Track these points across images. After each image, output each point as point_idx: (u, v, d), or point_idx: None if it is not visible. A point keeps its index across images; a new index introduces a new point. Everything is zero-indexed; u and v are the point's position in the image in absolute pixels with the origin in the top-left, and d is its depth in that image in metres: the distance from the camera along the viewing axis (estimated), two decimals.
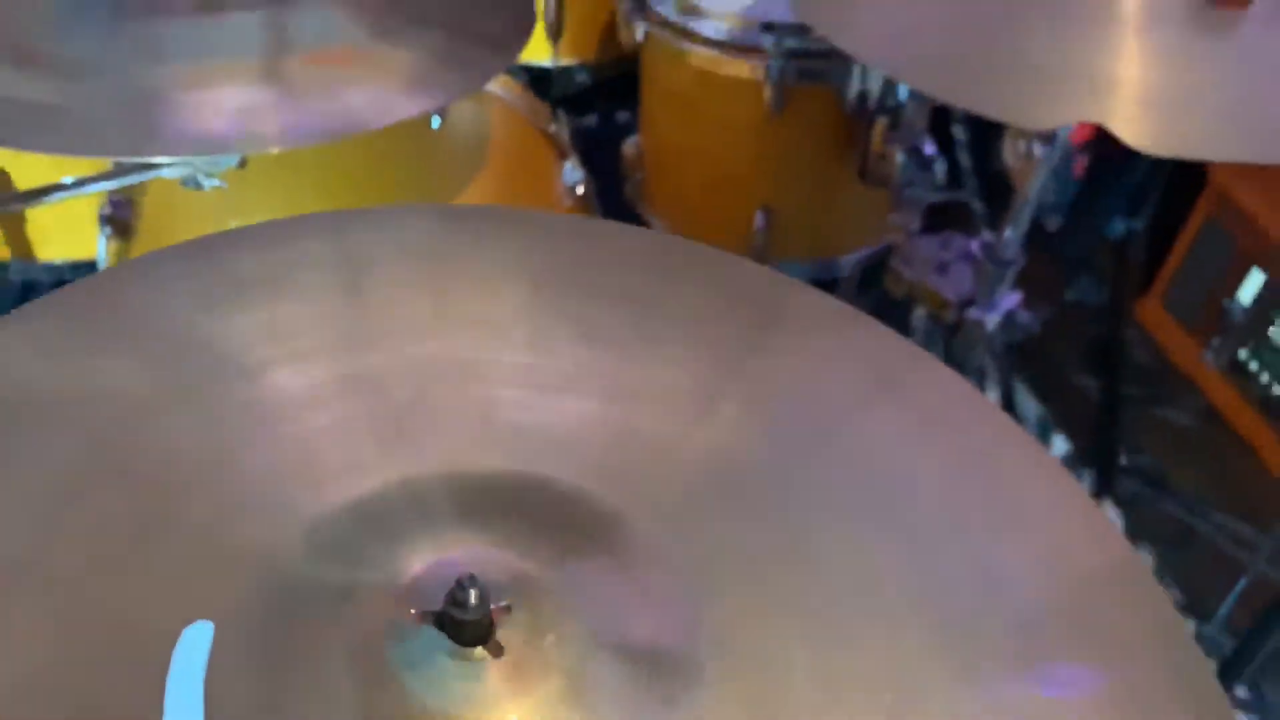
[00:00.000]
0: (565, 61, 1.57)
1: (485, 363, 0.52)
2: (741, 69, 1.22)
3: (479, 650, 0.36)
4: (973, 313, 1.16)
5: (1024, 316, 1.16)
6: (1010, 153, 1.06)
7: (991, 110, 0.74)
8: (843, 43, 0.82)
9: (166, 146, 0.89)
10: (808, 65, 1.19)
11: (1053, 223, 2.30)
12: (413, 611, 0.37)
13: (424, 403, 0.50)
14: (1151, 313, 2.14)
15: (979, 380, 2.01)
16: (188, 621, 0.37)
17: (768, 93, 1.21)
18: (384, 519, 0.43)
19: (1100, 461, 1.92)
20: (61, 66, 0.94)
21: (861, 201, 1.30)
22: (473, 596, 0.35)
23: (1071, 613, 0.45)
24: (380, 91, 0.96)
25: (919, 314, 1.24)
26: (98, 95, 0.91)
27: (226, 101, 0.92)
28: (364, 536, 0.42)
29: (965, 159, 1.43)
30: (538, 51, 1.54)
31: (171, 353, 0.51)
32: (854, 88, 1.20)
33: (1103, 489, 1.87)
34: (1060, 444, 1.94)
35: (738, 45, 1.22)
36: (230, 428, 0.48)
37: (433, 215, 0.66)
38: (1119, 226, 2.25)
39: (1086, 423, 1.98)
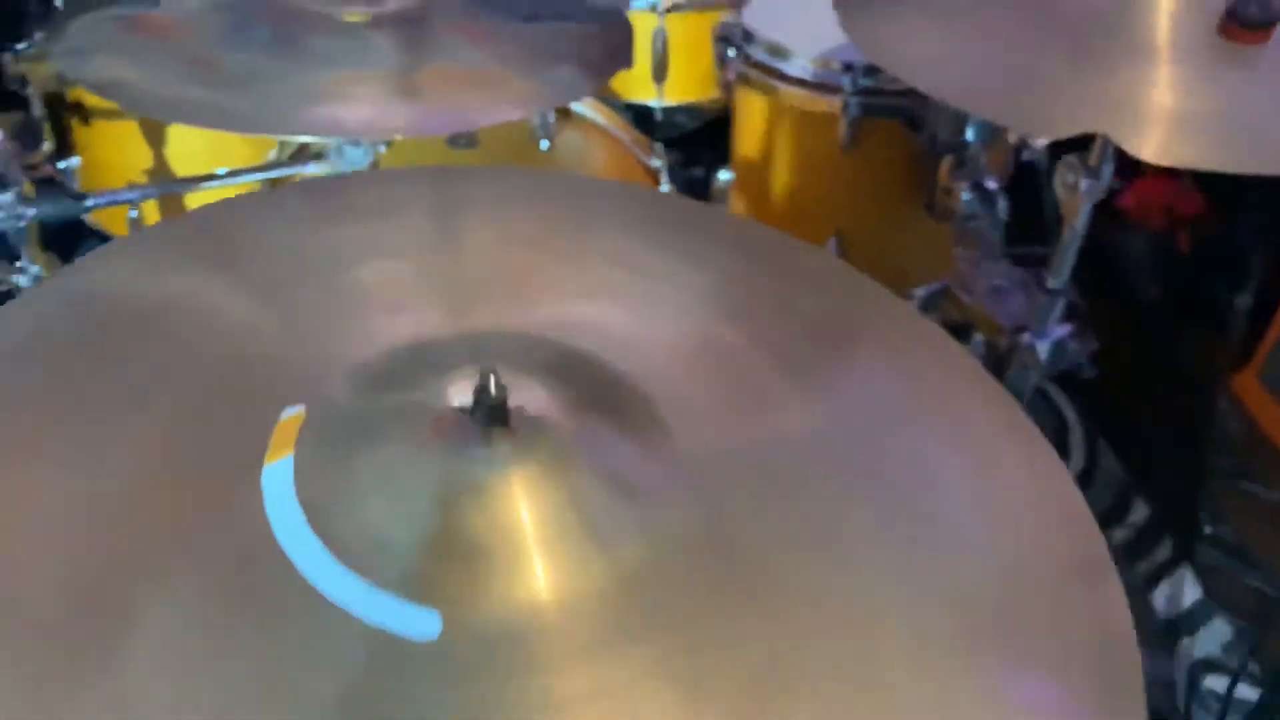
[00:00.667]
0: (669, 102, 1.71)
1: (561, 279, 0.63)
2: (820, 105, 1.34)
3: (497, 429, 0.47)
4: (1025, 338, 1.23)
5: (1072, 346, 1.22)
6: (1060, 185, 1.13)
7: (1009, 120, 0.84)
8: (887, 63, 0.93)
9: (309, 130, 1.07)
10: (880, 103, 1.30)
11: (1154, 292, 2.32)
12: (453, 404, 0.48)
13: (495, 298, 0.61)
14: (1247, 386, 2.12)
15: (1061, 439, 2.04)
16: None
17: (842, 128, 1.32)
18: (442, 358, 0.53)
19: (1180, 528, 1.91)
20: (233, 73, 1.12)
21: (930, 235, 1.39)
22: (492, 383, 0.46)
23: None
24: (487, 100, 1.12)
25: (976, 339, 1.30)
26: (260, 94, 1.09)
27: (362, 101, 1.08)
28: (424, 370, 0.53)
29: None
30: (643, 92, 1.69)
31: (271, 261, 0.64)
32: (923, 125, 1.30)
33: (1182, 556, 1.86)
34: (1141, 508, 1.94)
35: (818, 84, 1.34)
36: (317, 314, 0.60)
37: (526, 176, 0.79)
38: (1221, 299, 2.25)
39: (1170, 489, 1.97)
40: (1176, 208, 2.46)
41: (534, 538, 0.45)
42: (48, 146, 1.56)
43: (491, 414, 0.47)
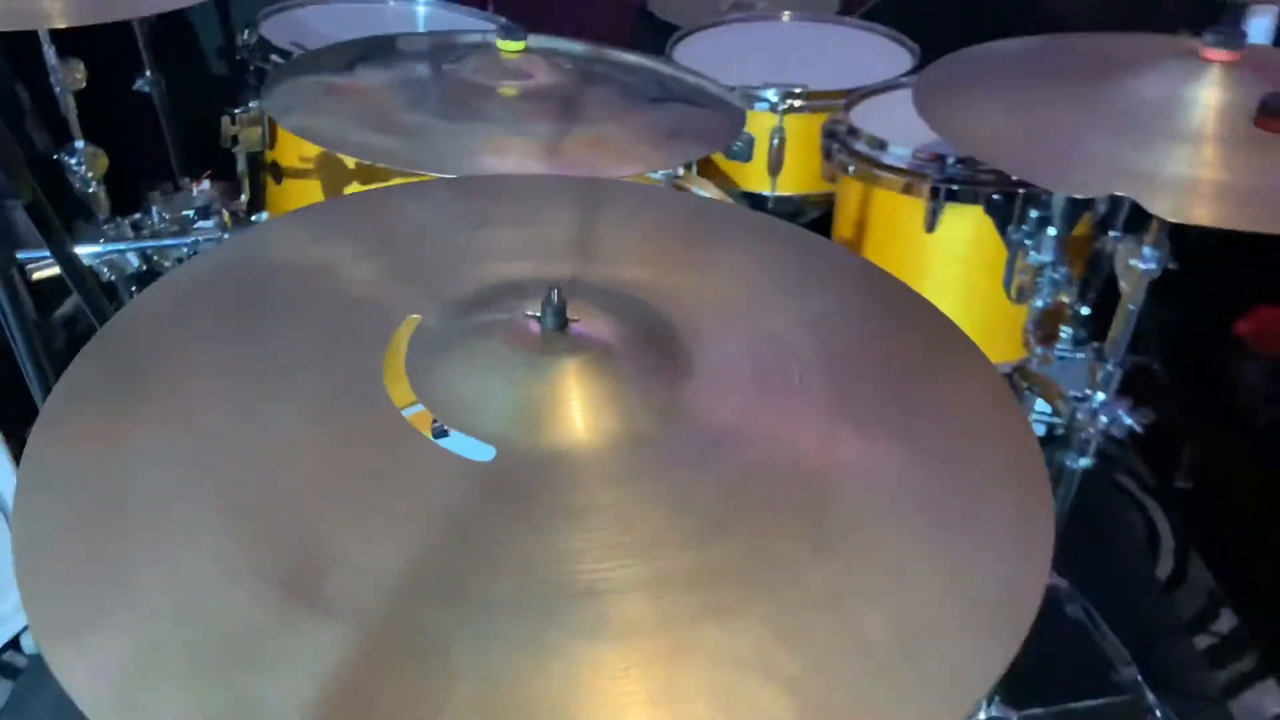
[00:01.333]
0: (781, 193, 1.89)
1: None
2: (909, 191, 1.50)
3: (557, 331, 0.64)
4: (1085, 406, 1.32)
5: (1129, 418, 1.31)
6: (1120, 264, 1.25)
7: (1047, 182, 0.98)
8: (956, 141, 1.09)
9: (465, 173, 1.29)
10: (963, 190, 1.45)
11: (1267, 416, 2.34)
12: (527, 314, 0.66)
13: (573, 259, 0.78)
14: None
15: (1153, 547, 2.06)
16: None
17: (926, 212, 1.47)
18: (522, 290, 0.70)
19: (1270, 641, 1.90)
20: (408, 127, 1.36)
21: (1008, 315, 1.51)
22: (556, 297, 0.63)
23: None
24: (614, 161, 1.32)
25: (1040, 405, 1.40)
26: (428, 145, 1.32)
27: (511, 156, 1.30)
28: (508, 297, 0.70)
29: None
30: (759, 183, 1.88)
31: (400, 242, 0.82)
32: (1003, 212, 1.44)
33: (1270, 668, 1.85)
34: (1229, 618, 1.94)
35: (909, 170, 1.50)
36: (420, 265, 0.77)
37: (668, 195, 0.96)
38: None
39: (1263, 605, 1.96)
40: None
41: (577, 407, 0.62)
42: (244, 199, 1.84)
43: (555, 319, 0.64)
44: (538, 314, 0.64)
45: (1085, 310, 1.45)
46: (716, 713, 0.50)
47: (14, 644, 1.73)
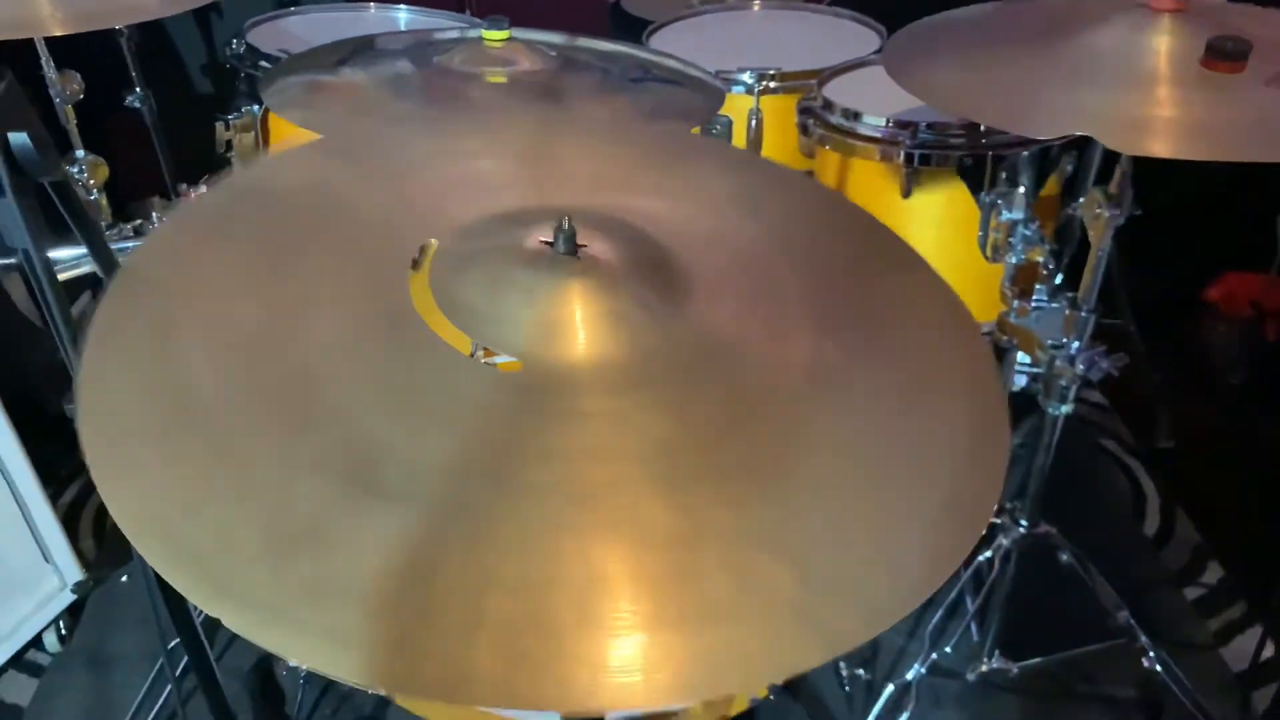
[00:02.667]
0: None
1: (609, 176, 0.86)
2: (884, 159, 1.56)
3: (567, 257, 0.69)
4: (1062, 354, 1.38)
5: (1104, 362, 1.37)
6: (1086, 214, 1.31)
7: (1015, 127, 1.04)
8: (926, 97, 1.15)
9: None
10: (935, 154, 1.51)
11: (1238, 377, 2.41)
12: (540, 240, 0.71)
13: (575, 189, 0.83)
14: None
15: (1139, 507, 2.12)
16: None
17: (902, 178, 1.53)
18: (534, 217, 0.75)
19: (1255, 591, 1.95)
20: (391, 114, 1.41)
21: (984, 275, 1.56)
22: (566, 224, 0.69)
23: None
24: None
25: (1020, 357, 1.46)
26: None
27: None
28: (522, 222, 0.75)
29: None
30: None
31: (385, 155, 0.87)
32: (974, 175, 1.50)
33: (1257, 616, 1.90)
34: (1215, 570, 2.00)
35: (883, 139, 1.57)
36: (429, 195, 0.82)
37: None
38: None
39: (1246, 556, 2.02)
40: (1264, 300, 2.55)
41: (581, 324, 0.67)
42: None
43: (565, 245, 0.69)
44: (550, 240, 0.69)
45: (1057, 270, 1.51)
46: (732, 585, 0.55)
47: (37, 642, 1.76)
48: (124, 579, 1.91)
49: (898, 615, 0.57)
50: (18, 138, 0.78)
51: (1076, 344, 1.37)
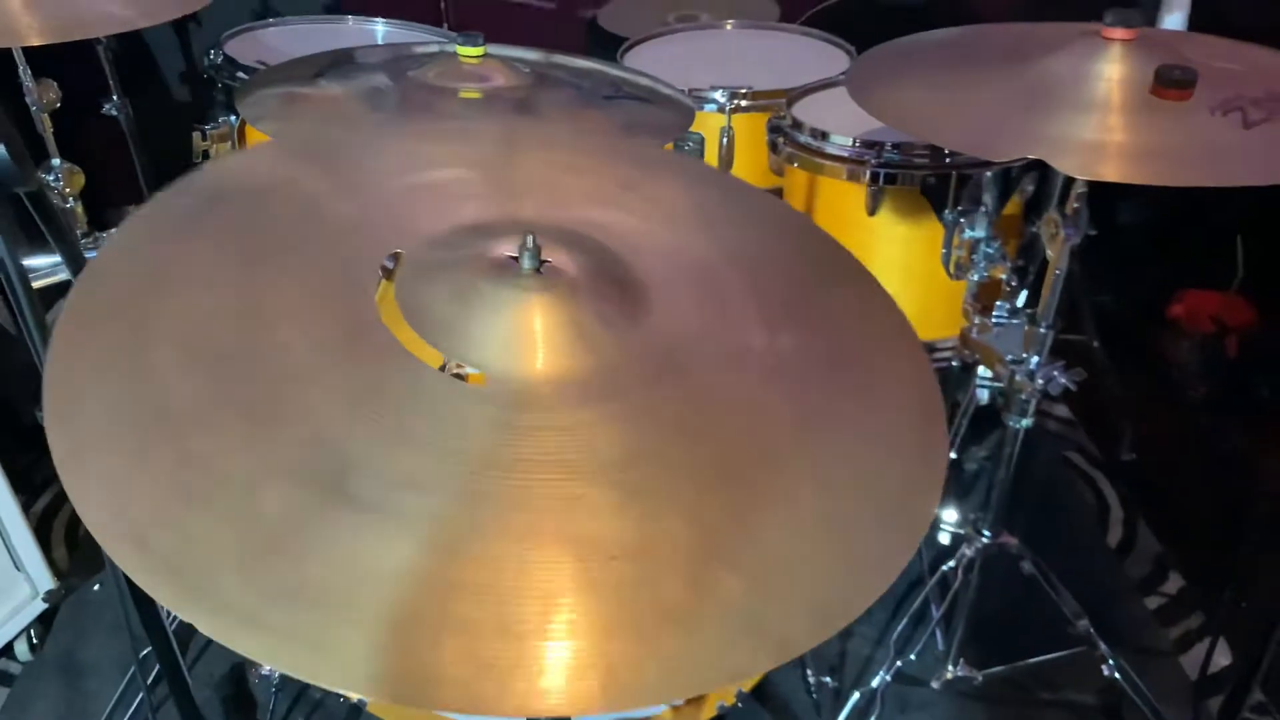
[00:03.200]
0: None
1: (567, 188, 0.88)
2: (849, 177, 1.60)
3: (531, 271, 0.72)
4: (1022, 369, 1.42)
5: (1063, 377, 1.40)
6: (1045, 234, 1.35)
7: (970, 149, 1.07)
8: (889, 120, 1.19)
9: None
10: (899, 173, 1.55)
11: (1200, 391, 2.46)
12: (505, 254, 0.73)
13: (537, 201, 0.86)
14: None
15: (1102, 517, 2.16)
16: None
17: (867, 196, 1.57)
18: (499, 230, 0.78)
19: (1213, 600, 1.99)
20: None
21: (946, 291, 1.60)
22: (531, 241, 0.71)
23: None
24: None
25: (983, 372, 1.49)
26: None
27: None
28: (486, 235, 0.78)
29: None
30: None
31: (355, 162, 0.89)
32: (937, 194, 1.54)
33: (1215, 625, 1.94)
34: (1175, 580, 2.04)
35: (850, 158, 1.60)
36: (396, 202, 0.84)
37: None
38: (1262, 395, 2.38)
39: (1205, 565, 2.06)
40: (1225, 317, 2.61)
41: (542, 339, 0.70)
42: None
43: (531, 260, 0.71)
44: (515, 255, 0.72)
45: (1021, 287, 1.55)
46: (687, 593, 0.58)
47: (8, 651, 1.76)
48: (96, 587, 1.92)
49: (845, 620, 0.59)
50: None
51: (1036, 359, 1.40)
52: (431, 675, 0.53)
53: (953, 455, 2.05)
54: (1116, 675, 1.64)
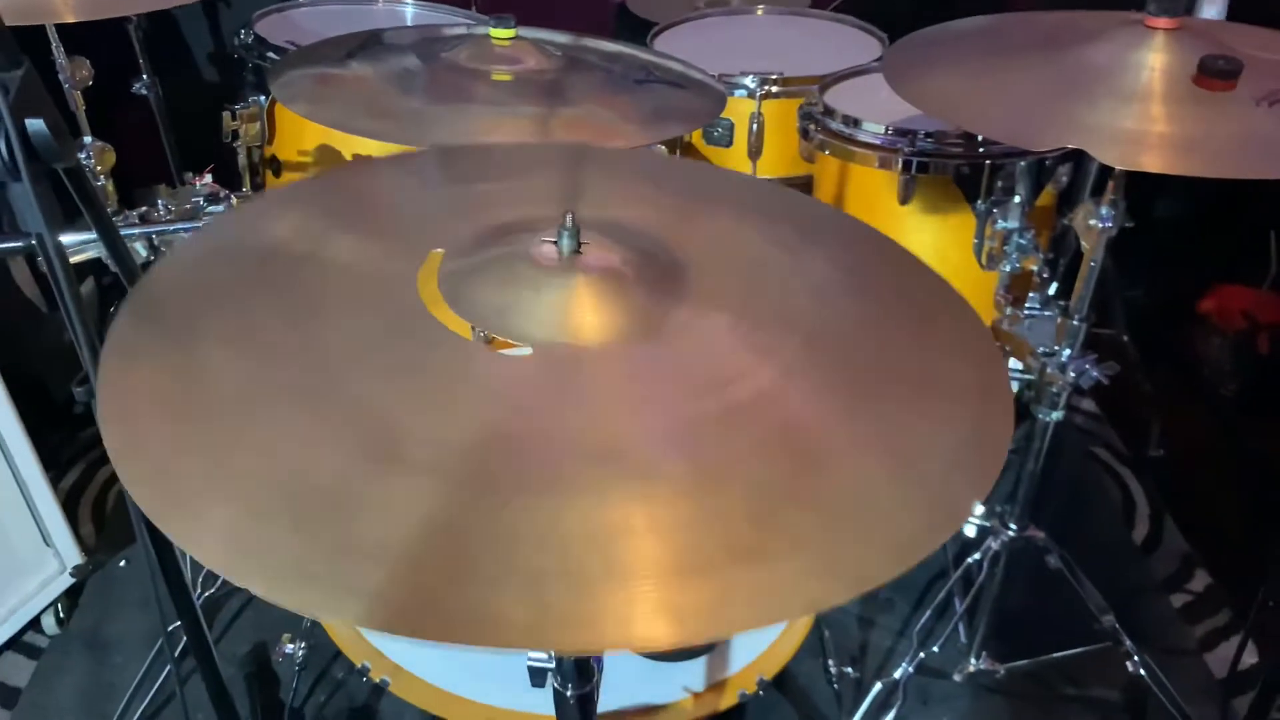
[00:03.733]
0: (762, 177, 1.97)
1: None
2: (881, 165, 1.58)
3: (572, 253, 0.72)
4: (1053, 361, 1.40)
5: (1095, 370, 1.39)
6: (1080, 225, 1.33)
7: (1007, 137, 1.06)
8: (924, 107, 1.17)
9: None
10: (932, 162, 1.53)
11: (1231, 388, 2.43)
12: (545, 240, 0.73)
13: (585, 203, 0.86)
14: None
15: (1129, 514, 2.14)
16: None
17: (900, 184, 1.55)
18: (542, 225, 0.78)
19: (1240, 598, 1.97)
20: (400, 116, 1.43)
21: (979, 281, 1.58)
22: (570, 221, 0.71)
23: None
24: (600, 138, 1.39)
25: (1013, 364, 1.48)
26: (420, 125, 1.39)
27: (503, 136, 1.37)
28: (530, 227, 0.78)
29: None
30: (741, 168, 1.95)
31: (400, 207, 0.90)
32: (971, 183, 1.52)
33: (1241, 624, 1.92)
34: (1202, 578, 2.02)
35: (882, 146, 1.59)
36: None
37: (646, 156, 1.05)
38: None
39: (1233, 564, 2.04)
40: (1257, 313, 2.58)
41: (586, 308, 0.71)
42: (245, 192, 1.91)
43: (570, 242, 0.71)
44: (554, 239, 0.72)
45: (1052, 279, 1.53)
46: (755, 529, 0.58)
47: (35, 624, 1.78)
48: (122, 564, 1.93)
49: (919, 555, 0.58)
50: (35, 124, 0.80)
51: (1068, 352, 1.39)
52: (494, 617, 0.52)
53: None
54: (1141, 672, 1.62)
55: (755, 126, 1.87)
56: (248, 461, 0.58)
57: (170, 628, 1.15)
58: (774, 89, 1.83)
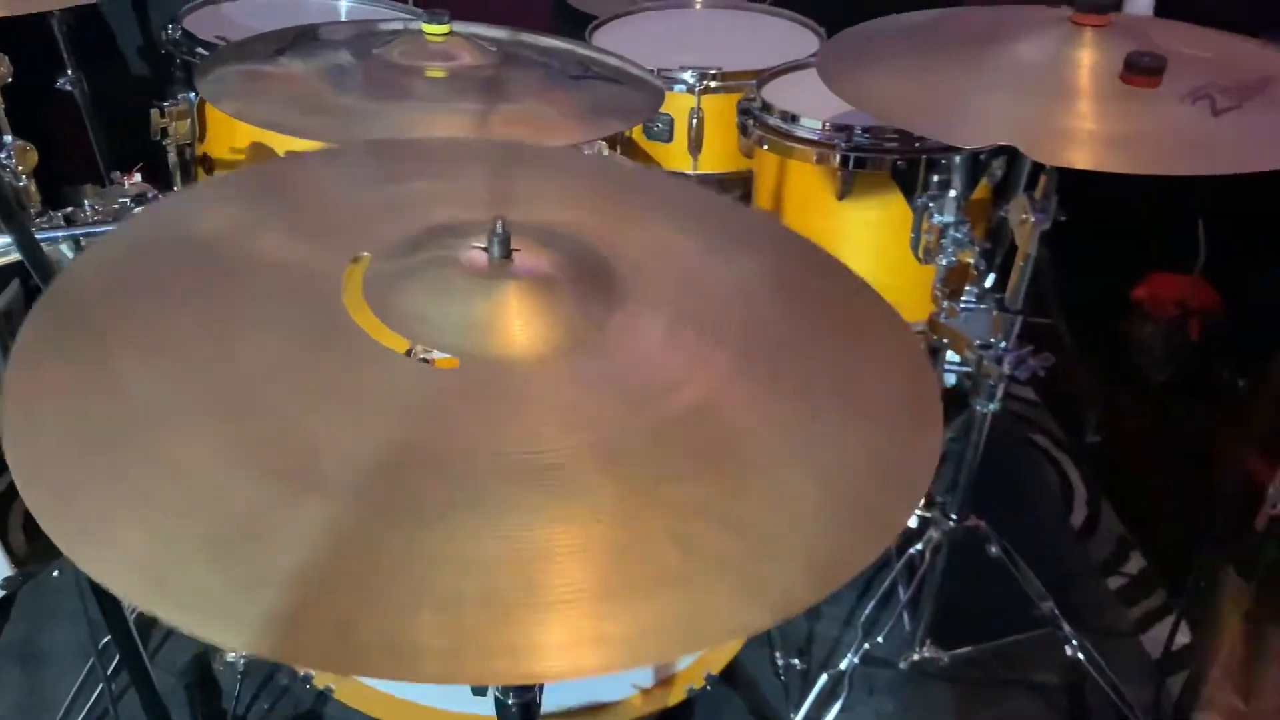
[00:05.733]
0: (703, 171, 1.97)
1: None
2: (821, 161, 1.59)
3: (502, 258, 0.70)
4: (990, 354, 1.42)
5: (1031, 363, 1.41)
6: (1014, 220, 1.35)
7: (938, 134, 1.07)
8: (859, 104, 1.18)
9: None
10: (869, 158, 1.54)
11: (1164, 374, 2.49)
12: (475, 245, 0.72)
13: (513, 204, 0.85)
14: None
15: (1066, 498, 2.18)
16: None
17: (837, 181, 1.56)
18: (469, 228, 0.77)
19: (1174, 580, 2.02)
20: (338, 111, 1.40)
21: (916, 275, 1.60)
22: (500, 227, 0.70)
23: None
24: (538, 136, 1.38)
25: (950, 356, 1.50)
26: (353, 123, 1.37)
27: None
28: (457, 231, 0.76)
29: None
30: (681, 163, 1.95)
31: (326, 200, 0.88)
32: (908, 179, 1.53)
33: (1174, 604, 1.96)
34: (1137, 560, 2.06)
35: (820, 142, 1.59)
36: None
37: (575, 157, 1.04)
38: (1223, 379, 2.41)
39: (1167, 547, 2.09)
40: (1187, 300, 2.64)
41: (511, 322, 0.69)
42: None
43: (500, 248, 0.70)
44: (484, 245, 0.71)
45: (988, 271, 1.55)
46: (679, 553, 0.57)
47: None
48: (55, 574, 1.88)
49: (846, 576, 0.58)
50: None
51: (1004, 344, 1.41)
52: (410, 648, 0.51)
53: None
54: (1080, 655, 1.66)
55: (695, 121, 1.87)
56: (159, 483, 0.57)
57: (102, 642, 1.12)
58: (713, 84, 1.84)
